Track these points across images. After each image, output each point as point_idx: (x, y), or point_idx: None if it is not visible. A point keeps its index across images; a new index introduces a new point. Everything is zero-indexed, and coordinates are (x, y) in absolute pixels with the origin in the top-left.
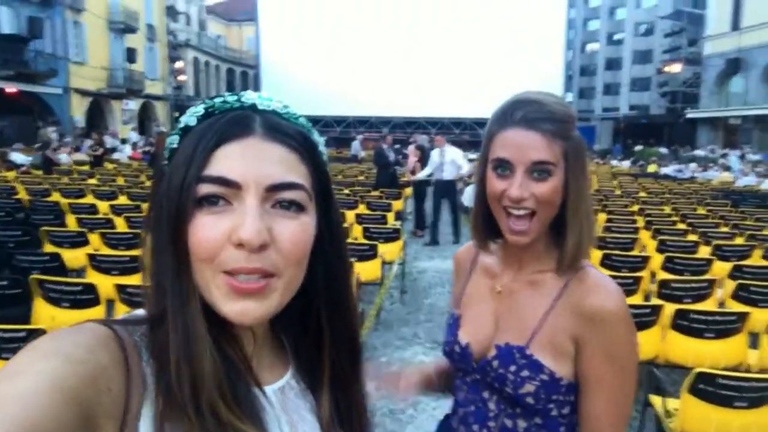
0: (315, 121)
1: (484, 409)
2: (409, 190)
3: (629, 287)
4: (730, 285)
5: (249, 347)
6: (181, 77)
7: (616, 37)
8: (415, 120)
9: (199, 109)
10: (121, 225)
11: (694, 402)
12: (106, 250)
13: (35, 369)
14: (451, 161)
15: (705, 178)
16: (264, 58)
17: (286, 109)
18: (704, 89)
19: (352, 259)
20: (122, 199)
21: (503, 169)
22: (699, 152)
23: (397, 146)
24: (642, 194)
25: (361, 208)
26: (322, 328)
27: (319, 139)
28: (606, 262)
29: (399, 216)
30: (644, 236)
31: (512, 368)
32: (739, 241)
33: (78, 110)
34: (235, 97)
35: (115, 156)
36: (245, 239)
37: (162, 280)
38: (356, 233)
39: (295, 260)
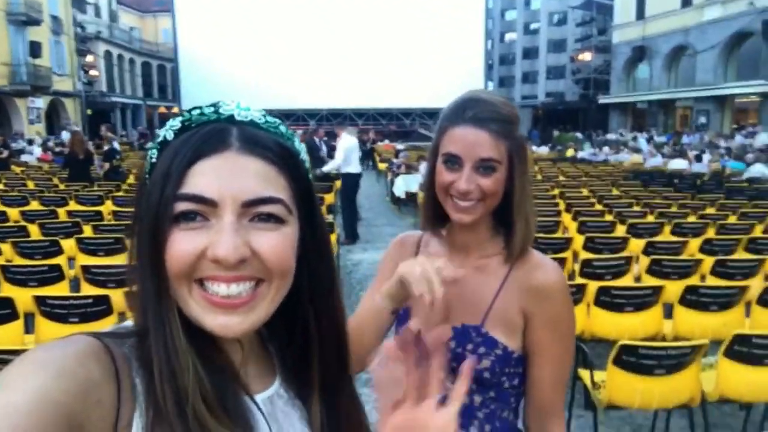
0: None
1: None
2: (339, 184)
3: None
4: (645, 261)
5: (236, 356)
6: (93, 72)
7: (532, 26)
8: (341, 111)
9: (175, 122)
10: (35, 232)
11: (619, 373)
12: (20, 260)
13: (25, 382)
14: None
15: (617, 160)
16: (182, 51)
17: (264, 119)
18: (614, 76)
19: None
20: (34, 205)
21: (452, 163)
22: (611, 136)
23: (325, 139)
24: (561, 178)
25: None
26: (309, 336)
27: (300, 147)
28: (532, 245)
29: (331, 209)
30: (566, 218)
31: (469, 346)
32: (650, 219)
33: None
34: (212, 109)
35: (23, 158)
36: (221, 256)
37: (144, 297)
38: None
39: (280, 270)
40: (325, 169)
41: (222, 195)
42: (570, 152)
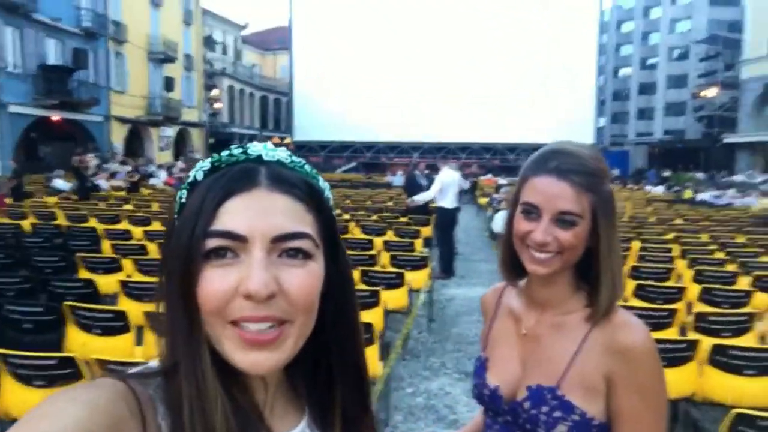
0: (345, 146)
1: None
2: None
3: (664, 320)
4: None
5: (261, 395)
6: (217, 105)
7: (649, 61)
8: (445, 145)
9: (205, 163)
10: (153, 251)
11: None
12: (139, 277)
13: (60, 414)
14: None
15: (744, 204)
16: (297, 86)
17: (290, 158)
18: (742, 113)
19: (380, 287)
20: (156, 225)
21: (530, 213)
22: (737, 177)
23: (426, 172)
24: (677, 221)
25: (389, 235)
26: (333, 374)
27: (325, 185)
28: (640, 293)
29: (427, 243)
30: (680, 266)
31: (544, 409)
32: None
33: (117, 137)
34: (241, 150)
35: (152, 182)
36: (252, 291)
37: (174, 334)
38: (384, 261)
39: (305, 307)
40: (417, 198)
41: (252, 231)
42: (688, 193)
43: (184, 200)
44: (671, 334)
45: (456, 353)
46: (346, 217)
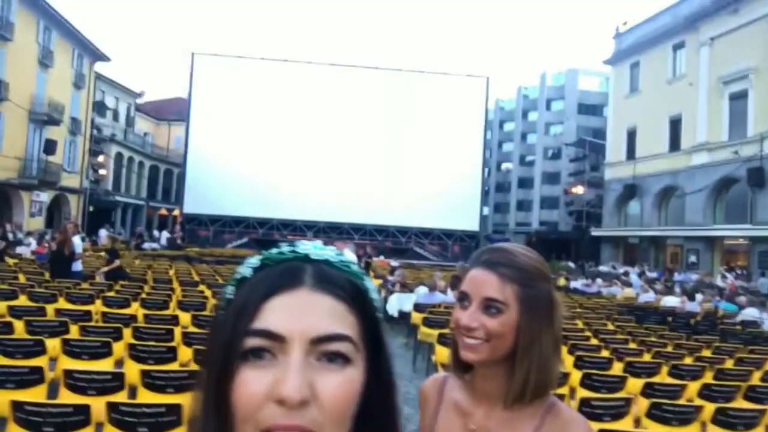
0: (237, 221)
1: None
2: None
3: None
4: (644, 403)
5: None
6: (102, 171)
7: (528, 158)
8: (339, 225)
9: (255, 260)
10: (20, 329)
11: None
12: (1, 360)
13: None
14: None
15: (610, 293)
16: (191, 157)
17: (338, 258)
18: (606, 210)
19: None
20: (23, 299)
21: (463, 301)
22: (603, 268)
23: None
24: None
25: None
26: None
27: (371, 286)
28: (587, 381)
29: None
30: (562, 351)
31: None
32: (647, 357)
33: None
34: (290, 248)
35: (19, 250)
36: (285, 396)
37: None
38: None
39: (338, 418)
40: None
41: (291, 331)
42: (562, 281)
43: (231, 296)
44: None
45: None
46: None
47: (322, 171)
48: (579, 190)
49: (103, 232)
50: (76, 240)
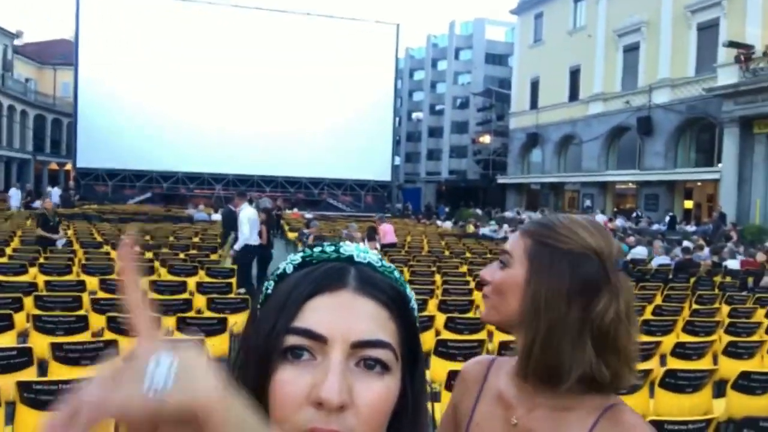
0: (138, 176)
1: None
2: None
3: (473, 350)
4: None
5: None
6: None
7: (437, 107)
8: (248, 178)
9: (297, 257)
10: None
11: None
12: None
13: None
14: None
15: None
16: (81, 106)
17: (381, 262)
18: (510, 158)
19: (201, 335)
20: None
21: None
22: (508, 213)
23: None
24: (468, 255)
25: (201, 275)
26: None
27: (411, 294)
28: (449, 325)
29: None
30: (477, 297)
31: None
32: None
33: None
34: (333, 248)
35: None
36: (325, 399)
37: None
38: (200, 305)
39: (374, 426)
40: (237, 247)
41: (333, 332)
42: (471, 228)
43: (270, 291)
44: None
45: None
46: (149, 255)
47: (229, 120)
48: (486, 139)
49: (14, 192)
50: None
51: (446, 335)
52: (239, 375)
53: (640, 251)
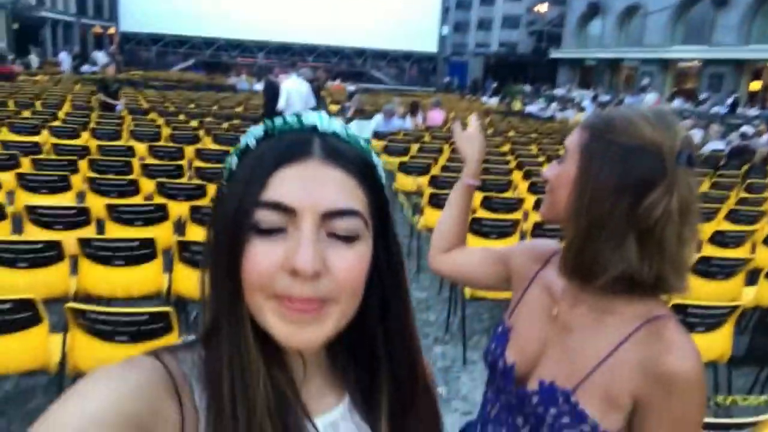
0: (181, 42)
1: None
2: None
3: (507, 228)
4: None
5: (299, 374)
6: None
7: None
8: (290, 46)
9: (258, 130)
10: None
11: None
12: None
13: (99, 393)
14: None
15: (564, 117)
16: None
17: (345, 131)
18: (567, 30)
19: None
20: None
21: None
22: (558, 91)
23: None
24: (512, 133)
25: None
26: (377, 357)
27: (378, 162)
28: (486, 204)
29: None
30: (516, 177)
31: (552, 411)
32: None
33: None
34: (296, 119)
35: None
36: (299, 268)
37: (217, 307)
38: None
39: (351, 289)
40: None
41: (302, 204)
42: (518, 105)
43: (234, 167)
44: (516, 239)
45: None
46: (194, 124)
47: None
48: (543, 8)
49: (64, 56)
50: None
51: (481, 214)
52: (211, 252)
53: (693, 134)
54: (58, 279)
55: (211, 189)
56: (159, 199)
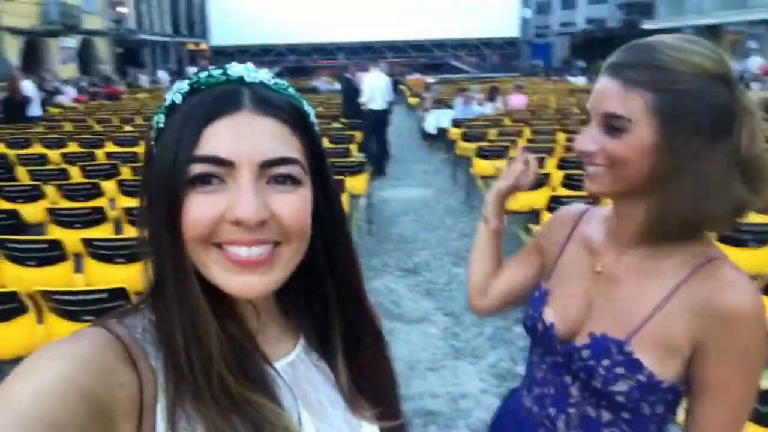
0: (266, 50)
1: (564, 394)
2: None
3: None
4: None
5: (253, 323)
6: (120, 8)
7: None
8: (370, 44)
9: (183, 85)
10: (76, 175)
11: None
12: (65, 203)
13: (47, 368)
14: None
15: None
16: None
17: (274, 80)
18: None
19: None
20: (72, 147)
21: (587, 121)
22: None
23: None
24: None
25: (324, 142)
26: (328, 298)
27: (310, 109)
28: (567, 182)
29: (362, 148)
30: None
31: (605, 362)
32: None
33: (11, 51)
34: (221, 71)
35: (58, 99)
36: (243, 217)
37: (161, 266)
38: None
39: (298, 231)
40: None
41: (239, 156)
42: None
43: (162, 125)
44: None
45: (396, 252)
46: None
47: None
48: None
49: (163, 74)
50: (26, 84)
51: (561, 192)
52: (148, 213)
53: None
54: None
55: None
56: None
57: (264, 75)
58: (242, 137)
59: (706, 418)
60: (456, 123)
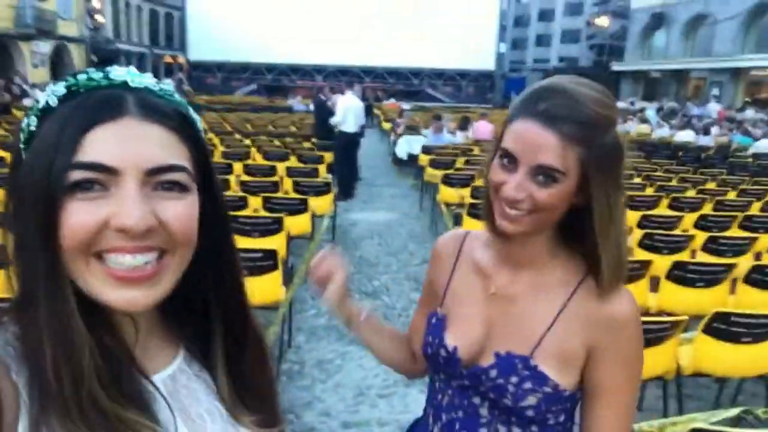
0: (244, 68)
1: (474, 416)
2: None
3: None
4: (638, 234)
5: (130, 334)
6: (99, 17)
7: None
8: (348, 68)
9: (59, 87)
10: None
11: None
12: None
13: None
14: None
15: (624, 130)
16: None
17: (159, 86)
18: (629, 43)
19: (283, 214)
20: None
21: (508, 162)
22: (620, 104)
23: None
24: None
25: (293, 161)
26: (209, 308)
27: (197, 117)
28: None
29: (331, 169)
30: None
31: (513, 379)
32: (649, 191)
33: None
34: (102, 74)
35: (26, 102)
36: (130, 224)
37: (30, 277)
38: (287, 187)
39: (186, 239)
40: (333, 121)
41: (124, 163)
42: None
43: (33, 128)
44: None
45: (358, 275)
46: (248, 142)
47: (330, 11)
48: (603, 21)
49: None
50: None
51: None
52: (17, 221)
53: (765, 144)
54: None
55: (252, 201)
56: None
57: (149, 80)
58: (127, 144)
59: (602, 419)
60: (426, 150)
